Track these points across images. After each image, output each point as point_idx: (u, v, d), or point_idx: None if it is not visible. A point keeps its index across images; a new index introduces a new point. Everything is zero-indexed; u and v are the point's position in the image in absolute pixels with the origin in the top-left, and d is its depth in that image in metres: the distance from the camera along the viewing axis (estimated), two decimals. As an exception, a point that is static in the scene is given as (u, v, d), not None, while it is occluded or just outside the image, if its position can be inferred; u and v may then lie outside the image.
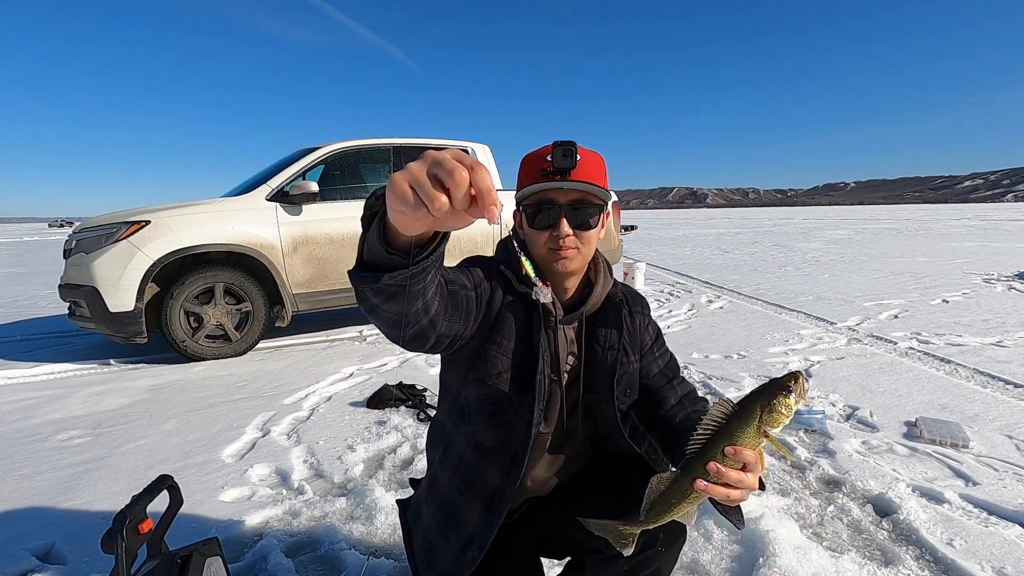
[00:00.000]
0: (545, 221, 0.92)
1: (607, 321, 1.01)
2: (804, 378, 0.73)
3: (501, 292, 0.96)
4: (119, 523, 0.95)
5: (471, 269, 0.96)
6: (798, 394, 0.71)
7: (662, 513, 0.79)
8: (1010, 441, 2.10)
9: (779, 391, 0.71)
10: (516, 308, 0.96)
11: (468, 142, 4.84)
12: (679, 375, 1.09)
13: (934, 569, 1.40)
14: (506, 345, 0.95)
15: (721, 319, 4.58)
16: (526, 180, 0.94)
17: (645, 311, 1.09)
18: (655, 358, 1.07)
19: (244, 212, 3.81)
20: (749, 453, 0.73)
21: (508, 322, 0.95)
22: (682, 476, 0.78)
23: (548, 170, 0.90)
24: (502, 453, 0.96)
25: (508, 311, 0.96)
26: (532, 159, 0.93)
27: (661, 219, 41.34)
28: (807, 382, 0.74)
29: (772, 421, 0.71)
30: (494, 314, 0.95)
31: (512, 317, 0.95)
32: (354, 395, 2.88)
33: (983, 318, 4.26)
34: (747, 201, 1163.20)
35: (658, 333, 1.10)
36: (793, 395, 0.71)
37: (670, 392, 1.05)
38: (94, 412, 2.72)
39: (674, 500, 0.78)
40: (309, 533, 1.62)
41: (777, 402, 0.71)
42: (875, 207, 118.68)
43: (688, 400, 1.05)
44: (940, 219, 26.35)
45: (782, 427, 0.71)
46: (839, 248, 11.29)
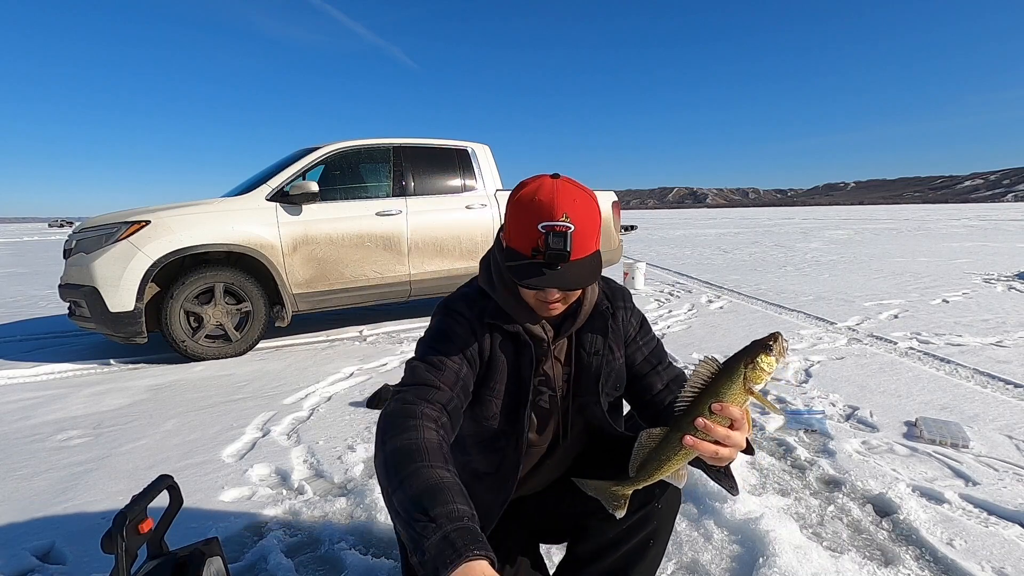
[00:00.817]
0: (532, 286, 0.87)
1: (593, 327, 1.03)
2: (783, 338, 0.77)
3: (489, 338, 0.98)
4: (119, 523, 0.94)
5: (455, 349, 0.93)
6: (778, 352, 0.75)
7: (653, 471, 0.81)
8: (1010, 441, 2.10)
9: (761, 349, 0.75)
10: (506, 346, 0.99)
11: (468, 142, 4.85)
12: (665, 360, 1.11)
13: (934, 569, 1.40)
14: (499, 388, 0.99)
15: (721, 319, 4.58)
16: (517, 240, 0.87)
17: (627, 303, 1.09)
18: (639, 347, 1.09)
19: (244, 212, 3.81)
20: (735, 409, 0.75)
21: (499, 364, 0.98)
22: (671, 433, 0.80)
23: (539, 249, 0.84)
24: (495, 477, 1.02)
25: (499, 351, 0.99)
26: (524, 223, 0.86)
27: (661, 219, 41.34)
28: (786, 342, 0.77)
29: (755, 378, 0.75)
30: (487, 361, 0.98)
31: (503, 356, 0.99)
32: (354, 395, 2.88)
33: (983, 318, 4.26)
34: (747, 201, 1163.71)
35: (642, 322, 1.11)
36: (774, 353, 0.75)
37: (656, 378, 1.07)
38: (94, 412, 2.72)
39: (663, 457, 0.80)
40: (309, 533, 1.63)
41: (760, 359, 0.75)
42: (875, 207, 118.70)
43: (675, 384, 1.07)
44: (940, 219, 26.34)
45: (765, 383, 0.75)
46: (839, 248, 11.29)
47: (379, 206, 4.26)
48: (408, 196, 4.42)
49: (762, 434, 2.26)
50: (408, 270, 4.36)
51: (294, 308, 3.98)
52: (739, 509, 1.61)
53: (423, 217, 4.41)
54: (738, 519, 1.57)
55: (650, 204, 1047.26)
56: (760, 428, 2.31)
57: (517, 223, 0.88)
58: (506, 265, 0.90)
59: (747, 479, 1.88)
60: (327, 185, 4.15)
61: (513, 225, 0.89)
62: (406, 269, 4.35)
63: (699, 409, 0.77)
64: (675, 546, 1.51)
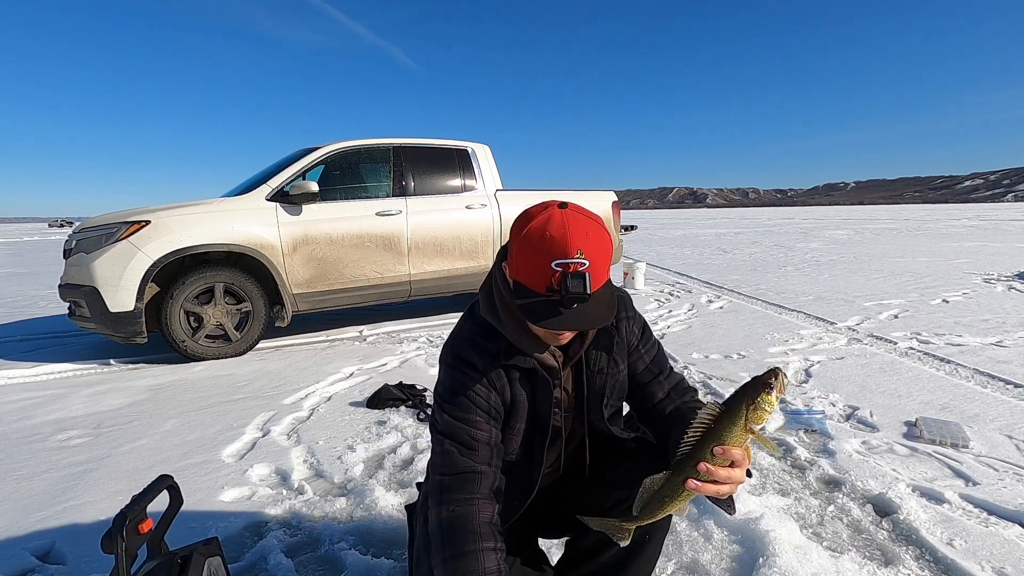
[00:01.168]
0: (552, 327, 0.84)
1: (598, 344, 1.02)
2: (783, 374, 0.76)
3: (506, 380, 0.96)
4: (119, 523, 0.94)
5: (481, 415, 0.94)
6: (779, 390, 0.75)
7: (655, 511, 0.85)
8: (1010, 441, 2.10)
9: (762, 388, 0.75)
10: (524, 383, 0.98)
11: (468, 142, 4.85)
12: (666, 368, 1.10)
13: (934, 569, 1.40)
14: (519, 426, 1.00)
15: (721, 319, 4.57)
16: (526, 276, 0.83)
17: (629, 312, 1.07)
18: (641, 355, 1.08)
19: (244, 212, 3.81)
20: (736, 451, 0.77)
21: (520, 403, 0.98)
22: (674, 476, 0.82)
23: (554, 288, 0.80)
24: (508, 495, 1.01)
25: (519, 390, 0.98)
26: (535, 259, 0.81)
27: (661, 219, 41.34)
28: (787, 377, 0.78)
29: (757, 418, 0.76)
30: (507, 405, 0.98)
31: (523, 394, 0.98)
32: (354, 395, 2.88)
33: (983, 318, 4.26)
34: (747, 201, 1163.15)
35: (643, 329, 1.10)
36: (775, 391, 0.75)
37: (657, 387, 1.07)
38: (94, 412, 2.72)
39: (667, 498, 0.83)
40: (309, 533, 1.63)
41: (761, 399, 0.75)
42: (875, 207, 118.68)
43: (676, 392, 1.08)
44: (940, 219, 26.34)
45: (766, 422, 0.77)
46: (839, 248, 11.29)
47: (379, 206, 4.26)
48: (408, 196, 4.42)
49: (762, 434, 2.26)
50: (408, 270, 4.36)
51: (294, 308, 3.98)
52: (739, 509, 1.61)
53: (423, 217, 4.41)
54: (738, 519, 1.57)
55: (650, 204, 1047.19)
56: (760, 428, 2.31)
57: (527, 260, 0.83)
58: (518, 304, 0.85)
59: (747, 479, 1.88)
60: (327, 185, 4.15)
61: (522, 261, 0.84)
62: (406, 269, 4.35)
63: (702, 453, 0.78)
64: (675, 546, 1.51)
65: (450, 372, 0.96)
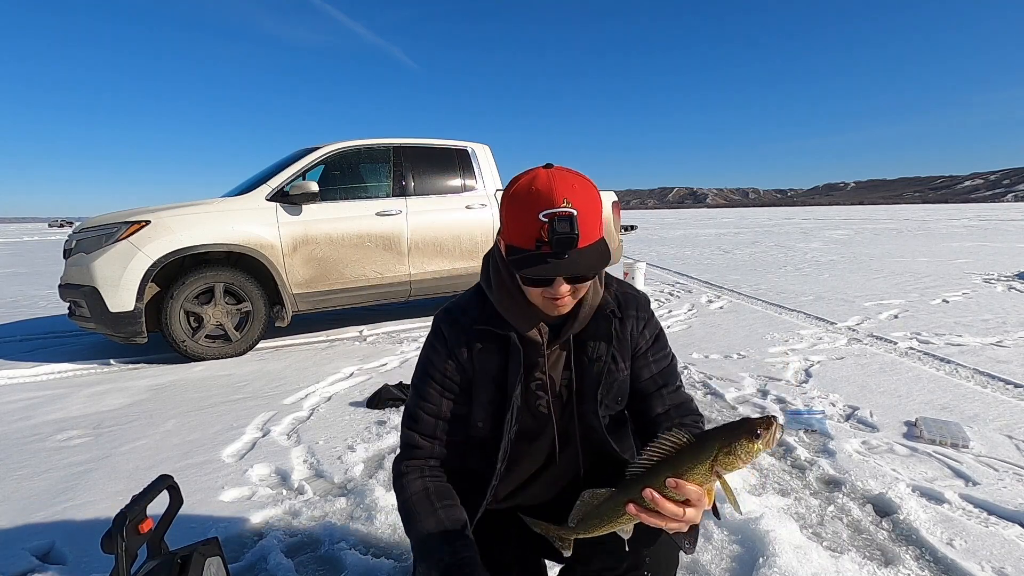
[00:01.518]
0: (540, 283, 0.85)
1: (596, 333, 0.97)
2: (779, 426, 0.66)
3: (470, 350, 0.96)
4: (119, 523, 0.94)
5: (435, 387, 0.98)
6: (765, 442, 0.64)
7: (594, 527, 0.79)
8: (1010, 441, 2.10)
9: (745, 434, 0.65)
10: (493, 353, 0.96)
11: (468, 142, 4.85)
12: (673, 382, 1.04)
13: (934, 569, 1.40)
14: (483, 397, 0.97)
15: (721, 319, 4.58)
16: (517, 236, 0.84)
17: (641, 314, 1.02)
18: (648, 363, 1.03)
19: (244, 212, 3.81)
20: (692, 489, 0.68)
21: (487, 372, 0.96)
22: (616, 495, 0.75)
23: (543, 239, 0.80)
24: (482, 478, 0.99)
25: (485, 360, 0.96)
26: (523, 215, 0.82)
27: (661, 219, 41.34)
28: (781, 430, 0.66)
29: (727, 464, 0.66)
30: (470, 376, 0.98)
31: (490, 364, 0.96)
32: (354, 395, 2.88)
33: (983, 318, 4.26)
34: (747, 201, 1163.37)
35: (656, 337, 1.04)
36: (760, 441, 0.64)
37: (657, 401, 1.02)
38: (94, 412, 2.72)
39: (606, 517, 0.76)
40: (309, 533, 1.62)
41: (738, 445, 0.65)
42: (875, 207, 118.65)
43: (677, 411, 1.02)
44: (940, 219, 26.34)
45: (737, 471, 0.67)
46: (839, 248, 11.29)
47: (379, 206, 4.26)
48: (408, 196, 4.42)
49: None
50: (408, 270, 4.36)
51: (294, 308, 3.98)
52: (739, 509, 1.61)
53: (423, 217, 4.41)
54: (738, 519, 1.56)
55: (650, 204, 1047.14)
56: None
57: (515, 217, 0.83)
58: (509, 260, 0.85)
59: (747, 479, 1.88)
60: (327, 185, 4.15)
61: (511, 221, 0.84)
62: (406, 269, 4.35)
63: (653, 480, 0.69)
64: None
65: (426, 341, 1.01)
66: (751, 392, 2.76)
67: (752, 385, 2.86)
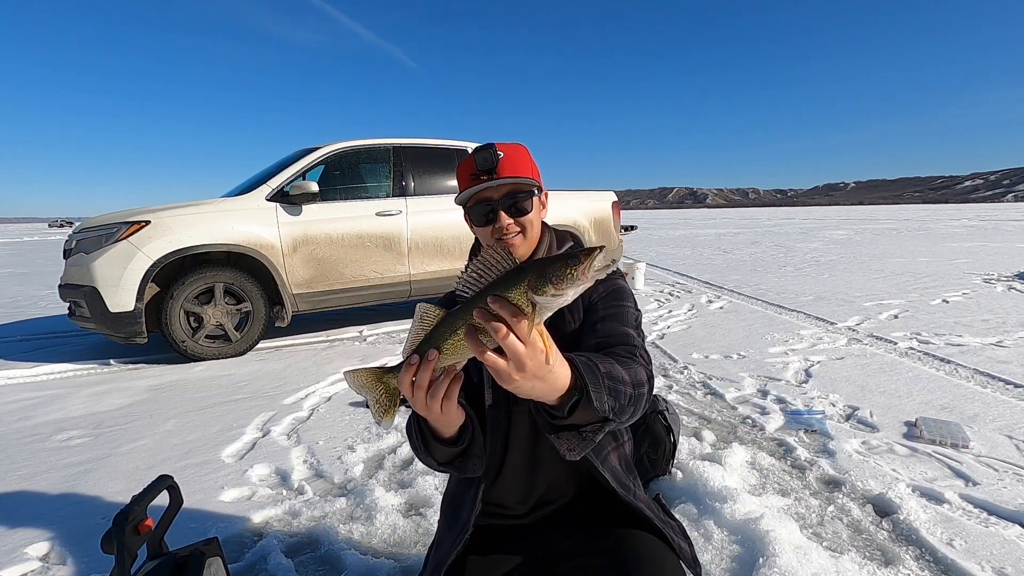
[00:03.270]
0: (484, 217, 1.01)
1: None
2: (602, 255, 0.59)
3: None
4: (119, 523, 0.95)
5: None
6: (582, 270, 0.57)
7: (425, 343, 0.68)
8: (1010, 441, 2.10)
9: (561, 258, 0.59)
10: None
11: (468, 142, 4.85)
12: (617, 333, 0.93)
13: (934, 569, 1.40)
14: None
15: (721, 319, 4.57)
16: (462, 186, 1.03)
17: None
18: (597, 311, 0.97)
19: (244, 212, 3.81)
20: (508, 308, 0.60)
21: None
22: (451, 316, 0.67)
23: (476, 173, 0.98)
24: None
25: None
26: (464, 166, 1.02)
27: (661, 219, 41.34)
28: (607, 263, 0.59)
29: (539, 287, 0.59)
30: None
31: None
32: (354, 395, 2.88)
33: (983, 318, 4.26)
34: (747, 201, 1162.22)
35: (612, 291, 0.99)
36: (575, 268, 0.57)
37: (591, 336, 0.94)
38: (94, 412, 2.72)
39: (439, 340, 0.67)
40: (309, 533, 1.63)
41: (551, 268, 0.59)
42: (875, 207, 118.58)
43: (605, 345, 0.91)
44: (940, 219, 26.34)
45: (550, 299, 0.59)
46: (839, 248, 11.29)
47: (379, 206, 4.26)
48: (408, 196, 4.42)
49: (762, 434, 2.26)
50: (408, 270, 4.36)
51: (294, 308, 3.98)
52: (739, 509, 1.61)
53: (423, 217, 4.41)
54: (738, 519, 1.57)
55: (650, 204, 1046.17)
56: (760, 428, 2.31)
57: (460, 173, 1.03)
58: (456, 202, 1.04)
59: (747, 479, 1.88)
60: (327, 185, 4.15)
61: (459, 179, 1.04)
62: (406, 269, 4.35)
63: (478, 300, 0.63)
64: (675, 546, 1.51)
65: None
66: (751, 392, 2.76)
67: (752, 385, 2.86)
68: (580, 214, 5.14)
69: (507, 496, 1.02)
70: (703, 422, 2.40)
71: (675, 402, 2.64)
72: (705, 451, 2.09)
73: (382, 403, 0.73)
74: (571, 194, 5.20)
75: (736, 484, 1.80)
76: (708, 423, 2.39)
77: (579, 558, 0.93)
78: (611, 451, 1.02)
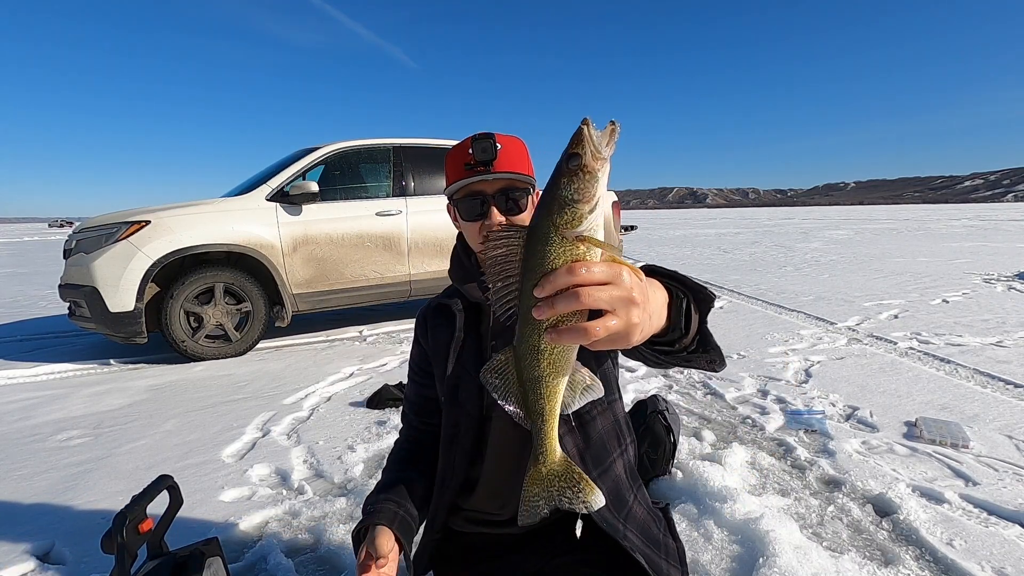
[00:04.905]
0: (475, 212, 0.93)
1: None
2: (588, 128, 0.45)
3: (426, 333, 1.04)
4: (119, 523, 0.94)
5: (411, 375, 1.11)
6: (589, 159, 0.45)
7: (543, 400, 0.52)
8: (1010, 441, 2.10)
9: (563, 174, 0.46)
10: (441, 325, 1.01)
11: (468, 142, 4.85)
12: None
13: (934, 569, 1.40)
14: (440, 371, 1.01)
15: (721, 319, 4.57)
16: (452, 176, 0.94)
17: None
18: None
19: (244, 212, 3.81)
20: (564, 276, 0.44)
21: (439, 347, 1.01)
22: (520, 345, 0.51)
23: (471, 163, 0.90)
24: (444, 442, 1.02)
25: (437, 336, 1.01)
26: (455, 154, 0.93)
27: (661, 219, 41.33)
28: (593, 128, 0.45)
29: (569, 217, 0.45)
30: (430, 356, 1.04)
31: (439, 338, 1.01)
32: (354, 395, 2.88)
33: (983, 318, 4.26)
34: (747, 201, 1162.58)
35: None
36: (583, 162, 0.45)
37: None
38: (94, 412, 2.72)
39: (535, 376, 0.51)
40: (309, 533, 1.62)
41: (562, 194, 0.45)
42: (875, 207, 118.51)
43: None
44: (940, 219, 26.33)
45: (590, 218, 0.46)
46: (839, 248, 11.28)
47: (379, 206, 4.26)
48: (408, 196, 4.42)
49: (762, 434, 2.26)
50: (408, 270, 4.36)
51: (294, 308, 3.98)
52: (739, 509, 1.61)
53: (423, 217, 4.41)
54: (738, 519, 1.57)
55: (650, 204, 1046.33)
56: (760, 428, 2.31)
57: (450, 162, 0.94)
58: (444, 193, 0.97)
59: (747, 479, 1.88)
60: (327, 185, 4.15)
61: (448, 168, 0.95)
62: (406, 269, 4.35)
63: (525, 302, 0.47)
64: (675, 546, 1.51)
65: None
66: (751, 392, 2.76)
67: (752, 385, 2.86)
68: (580, 214, 5.13)
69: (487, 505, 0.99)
70: (703, 422, 2.40)
71: (675, 402, 2.64)
72: (705, 451, 2.09)
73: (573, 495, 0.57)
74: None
75: (736, 484, 1.80)
76: (708, 423, 2.39)
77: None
78: (616, 458, 0.97)
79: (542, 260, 0.45)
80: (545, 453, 0.57)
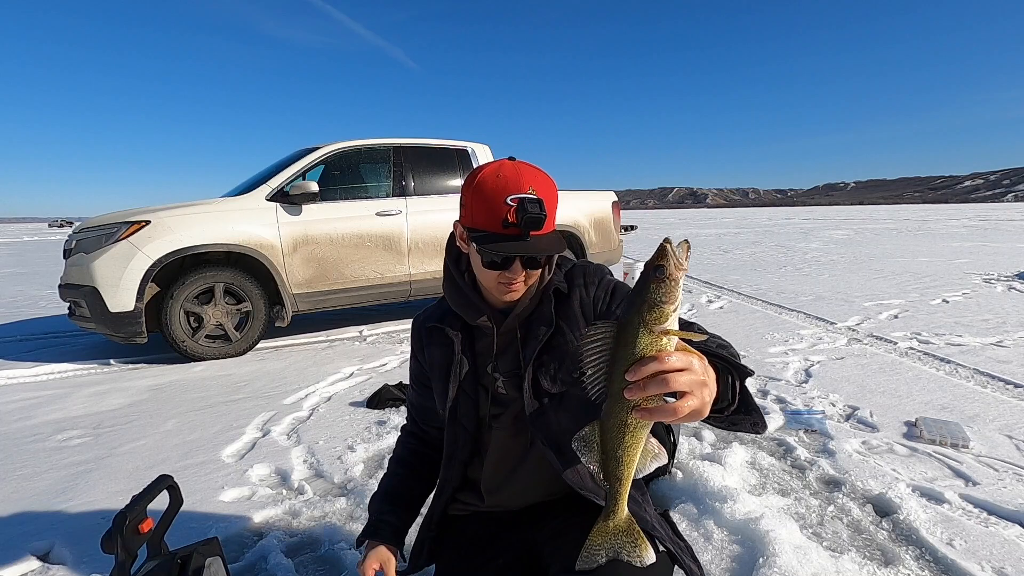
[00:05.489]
0: (499, 266, 0.90)
1: (541, 315, 0.97)
2: (671, 248, 0.57)
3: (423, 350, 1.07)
4: (119, 523, 0.95)
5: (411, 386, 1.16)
6: (673, 269, 0.56)
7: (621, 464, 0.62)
8: (1010, 441, 2.10)
9: (651, 282, 0.57)
10: (438, 345, 1.03)
11: (468, 142, 4.85)
12: None
13: (934, 569, 1.40)
14: (439, 389, 1.03)
15: (721, 319, 4.57)
16: (482, 219, 0.88)
17: (588, 280, 1.00)
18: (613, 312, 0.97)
19: (244, 212, 3.81)
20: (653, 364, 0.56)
21: (435, 365, 1.04)
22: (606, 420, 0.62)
23: (510, 221, 0.85)
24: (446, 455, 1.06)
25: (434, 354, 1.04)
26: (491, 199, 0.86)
27: (661, 219, 41.32)
28: (674, 246, 0.58)
29: (659, 317, 0.56)
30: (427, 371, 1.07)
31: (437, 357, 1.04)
32: (354, 395, 2.88)
33: (983, 318, 4.26)
34: (747, 201, 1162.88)
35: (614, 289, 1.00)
36: (666, 274, 0.56)
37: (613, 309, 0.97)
38: (94, 412, 2.72)
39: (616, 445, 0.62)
40: (309, 533, 1.63)
41: (654, 295, 0.56)
42: (875, 207, 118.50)
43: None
44: (940, 219, 26.33)
45: (673, 316, 0.57)
46: (839, 248, 11.28)
47: (379, 206, 4.26)
48: (408, 196, 4.42)
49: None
50: (408, 270, 4.36)
51: (294, 308, 3.98)
52: (739, 509, 1.61)
53: (423, 217, 4.41)
54: (738, 519, 1.57)
55: (650, 204, 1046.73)
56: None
57: (483, 202, 0.87)
58: (474, 237, 0.89)
59: (747, 479, 1.88)
60: (327, 185, 4.15)
61: (478, 204, 0.88)
62: (406, 269, 4.35)
63: (615, 385, 0.58)
64: (675, 546, 1.51)
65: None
66: (751, 392, 2.76)
67: (752, 385, 2.86)
68: (580, 214, 5.14)
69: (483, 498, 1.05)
70: (703, 422, 2.40)
71: (675, 402, 2.64)
72: (705, 451, 2.09)
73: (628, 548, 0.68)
74: (571, 194, 5.20)
75: (736, 484, 1.80)
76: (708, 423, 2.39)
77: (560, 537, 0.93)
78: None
79: (632, 350, 0.57)
80: (616, 512, 0.68)
